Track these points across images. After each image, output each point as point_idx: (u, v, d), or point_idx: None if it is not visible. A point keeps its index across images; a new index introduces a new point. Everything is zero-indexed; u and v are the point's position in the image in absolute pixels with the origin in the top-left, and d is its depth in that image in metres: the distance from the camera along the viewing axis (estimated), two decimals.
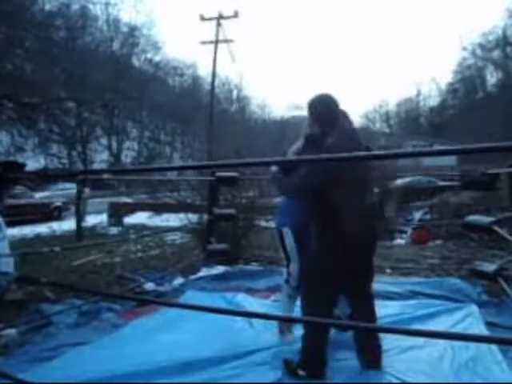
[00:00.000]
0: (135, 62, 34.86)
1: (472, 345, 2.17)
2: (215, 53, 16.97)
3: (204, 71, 37.32)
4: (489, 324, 2.56)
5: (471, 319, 2.61)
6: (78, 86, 11.15)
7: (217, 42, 17.08)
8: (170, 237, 7.95)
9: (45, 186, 12.90)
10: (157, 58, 35.52)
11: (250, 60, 64.53)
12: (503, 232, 2.90)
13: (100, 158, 26.41)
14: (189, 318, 2.69)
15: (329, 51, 79.74)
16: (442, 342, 2.19)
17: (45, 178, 9.11)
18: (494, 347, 2.18)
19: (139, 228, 9.64)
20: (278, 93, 79.92)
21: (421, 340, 2.20)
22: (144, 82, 30.36)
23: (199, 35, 33.44)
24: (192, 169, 4.16)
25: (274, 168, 1.99)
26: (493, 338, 1.69)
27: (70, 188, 12.21)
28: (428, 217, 8.97)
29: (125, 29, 31.00)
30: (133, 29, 31.16)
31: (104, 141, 29.63)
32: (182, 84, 39.14)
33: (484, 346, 2.17)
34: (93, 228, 10.08)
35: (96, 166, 16.50)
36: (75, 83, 11.13)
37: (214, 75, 17.39)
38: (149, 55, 35.03)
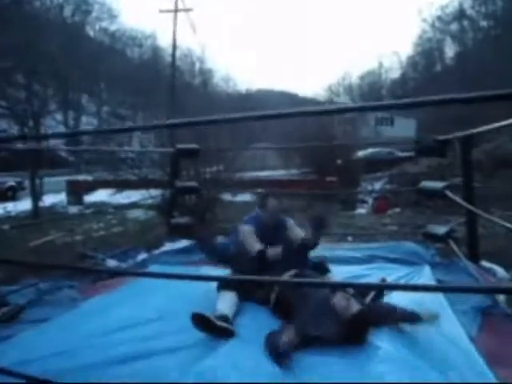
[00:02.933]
0: (89, 31, 32.82)
1: (424, 302, 2.30)
2: (175, 22, 16.28)
3: (164, 42, 35.80)
4: (439, 283, 2.72)
5: (423, 279, 2.77)
6: (25, 56, 10.33)
7: (176, 10, 16.35)
8: (133, 214, 7.78)
9: None
10: (113, 28, 33.61)
11: (213, 31, 62.57)
12: (455, 196, 3.05)
13: None
14: (150, 293, 2.67)
15: (292, 23, 78.67)
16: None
17: None
18: (444, 302, 2.33)
19: (100, 206, 9.36)
20: (241, 66, 78.43)
21: None
22: (99, 52, 28.72)
23: (158, 3, 31.81)
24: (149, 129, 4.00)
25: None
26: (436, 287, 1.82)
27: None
28: (388, 186, 9.30)
29: None
30: None
31: (59, 116, 28.05)
32: (142, 55, 37.39)
33: (435, 302, 2.31)
34: (51, 207, 9.67)
35: (51, 143, 15.60)
36: (22, 52, 10.31)
37: (174, 46, 16.74)
38: (104, 24, 33.06)
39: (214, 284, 2.52)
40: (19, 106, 10.11)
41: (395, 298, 2.27)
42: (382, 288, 2.19)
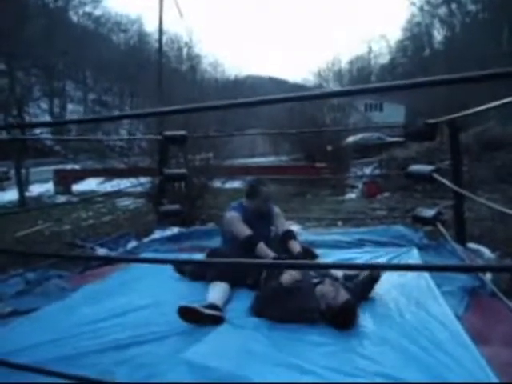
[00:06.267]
0: (73, 16, 31.93)
1: (412, 285, 2.35)
2: (161, 6, 15.87)
3: (151, 27, 35.00)
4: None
5: (411, 261, 2.80)
6: (6, 42, 10.02)
7: None
8: (122, 203, 7.72)
9: None
10: (97, 13, 32.72)
11: (200, 16, 61.29)
12: (442, 179, 3.07)
13: None
14: (140, 280, 2.66)
15: (281, 7, 77.49)
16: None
17: None
18: (431, 284, 2.37)
19: (89, 195, 9.25)
20: (230, 51, 77.09)
21: None
22: (84, 38, 27.98)
23: None
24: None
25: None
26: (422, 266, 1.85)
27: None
28: (377, 171, 9.35)
29: None
30: None
31: (44, 104, 27.43)
32: (128, 41, 36.54)
33: (423, 284, 2.36)
34: (38, 198, 9.54)
35: (37, 132, 15.29)
36: (3, 38, 9.99)
37: (160, 31, 16.34)
38: (87, 9, 32.16)
39: None
40: (2, 93, 9.84)
41: (384, 281, 2.30)
42: (370, 268, 2.22)
